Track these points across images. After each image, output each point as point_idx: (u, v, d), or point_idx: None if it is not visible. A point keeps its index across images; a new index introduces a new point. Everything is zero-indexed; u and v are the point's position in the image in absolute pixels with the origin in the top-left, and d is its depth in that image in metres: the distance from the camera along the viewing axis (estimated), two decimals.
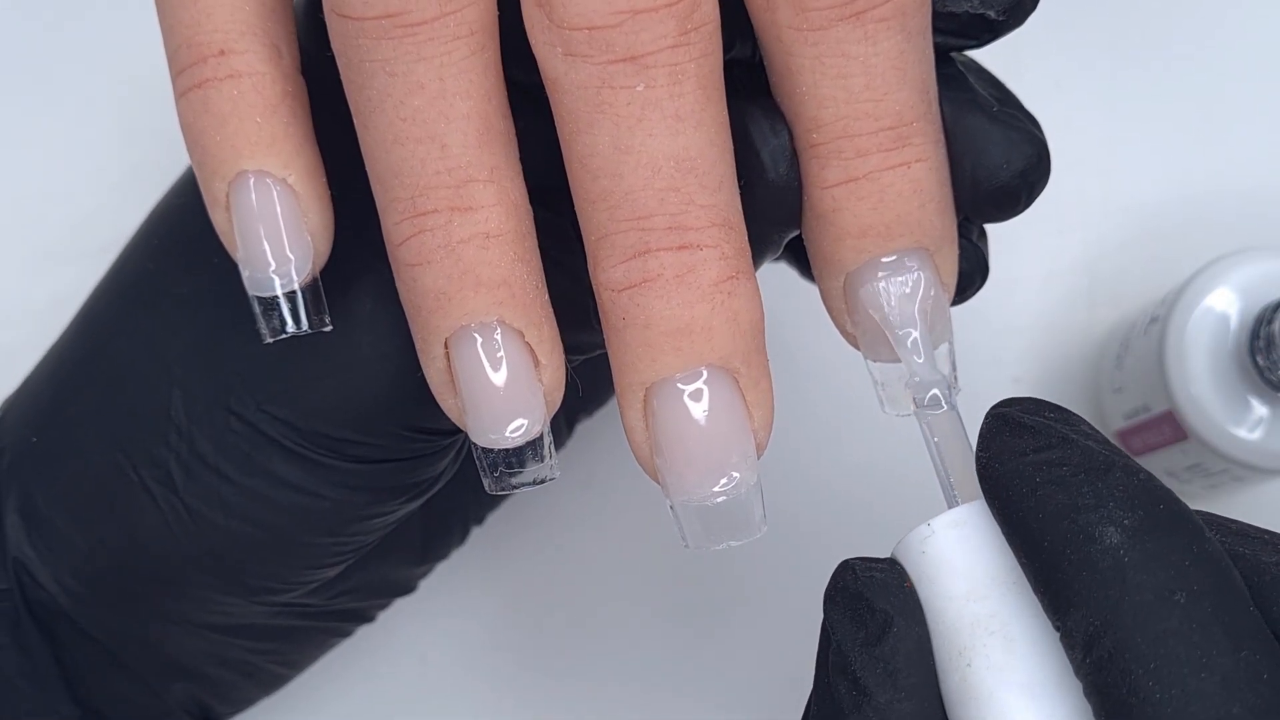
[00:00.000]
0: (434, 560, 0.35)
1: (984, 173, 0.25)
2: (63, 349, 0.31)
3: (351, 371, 0.27)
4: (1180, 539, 0.20)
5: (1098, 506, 0.21)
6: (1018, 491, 0.21)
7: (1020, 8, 0.25)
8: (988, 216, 0.26)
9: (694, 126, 0.22)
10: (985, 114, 0.25)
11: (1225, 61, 0.44)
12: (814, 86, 0.23)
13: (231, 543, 0.28)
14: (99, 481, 0.29)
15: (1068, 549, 0.21)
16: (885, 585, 0.22)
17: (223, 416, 0.28)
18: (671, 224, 0.22)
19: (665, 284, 0.22)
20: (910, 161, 0.23)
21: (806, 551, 0.40)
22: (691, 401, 0.23)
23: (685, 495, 0.23)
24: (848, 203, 0.23)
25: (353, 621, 0.34)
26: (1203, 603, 0.20)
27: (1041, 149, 0.25)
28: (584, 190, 0.23)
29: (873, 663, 0.22)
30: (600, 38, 0.22)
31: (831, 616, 0.23)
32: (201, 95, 0.24)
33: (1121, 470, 0.21)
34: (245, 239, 0.24)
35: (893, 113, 0.23)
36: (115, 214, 0.34)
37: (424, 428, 0.28)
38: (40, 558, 0.29)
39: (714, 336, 0.23)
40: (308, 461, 0.28)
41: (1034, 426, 0.22)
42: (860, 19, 0.23)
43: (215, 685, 0.32)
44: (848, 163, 0.23)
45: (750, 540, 0.23)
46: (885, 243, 0.24)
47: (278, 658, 0.33)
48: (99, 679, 0.31)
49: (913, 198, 0.24)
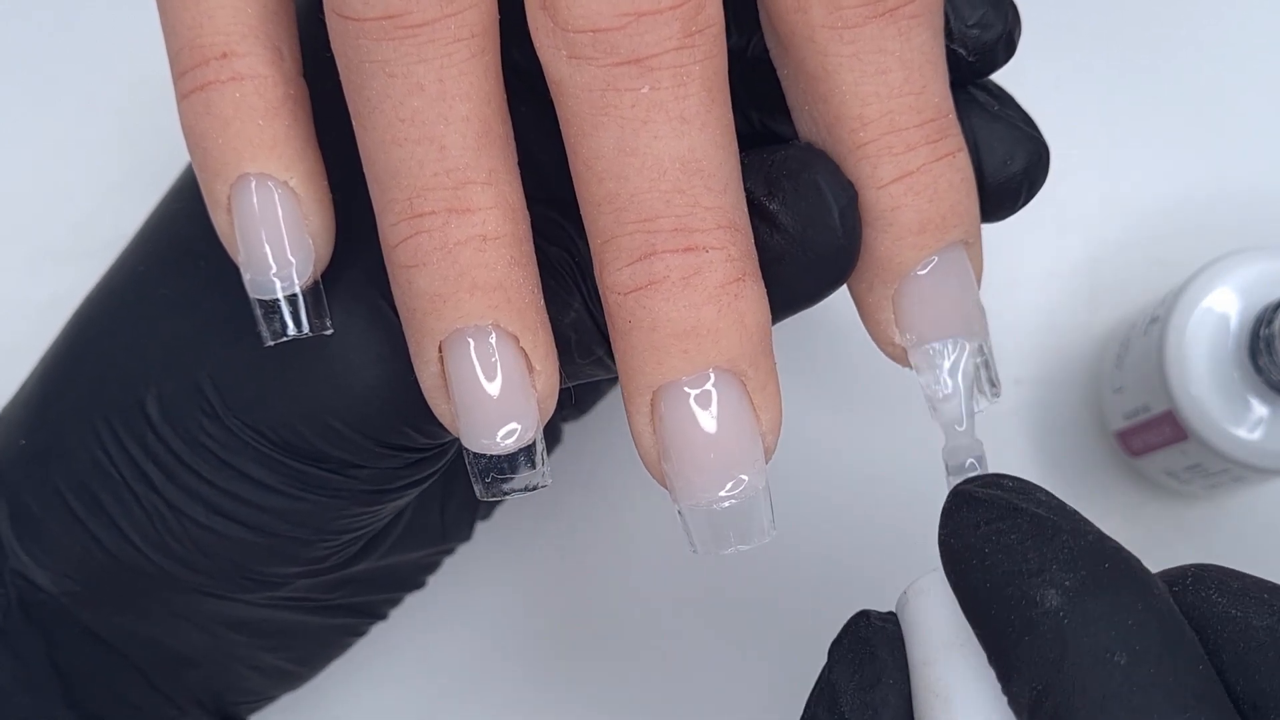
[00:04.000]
0: (441, 554, 0.35)
1: (987, 170, 0.25)
2: (54, 349, 0.31)
3: (323, 384, 0.27)
4: (1124, 597, 0.20)
5: (1040, 570, 0.21)
6: (968, 563, 0.22)
7: (992, 53, 0.25)
8: (987, 214, 0.26)
9: (699, 128, 0.22)
10: (987, 113, 0.25)
11: (1225, 62, 0.44)
12: (855, 85, 0.23)
13: (217, 540, 0.28)
14: (85, 481, 0.29)
15: (1011, 614, 0.21)
16: (891, 639, 0.23)
17: (195, 419, 0.27)
18: (677, 226, 0.22)
19: (671, 286, 0.22)
20: (954, 151, 0.24)
21: (813, 553, 0.40)
22: (699, 405, 0.23)
23: (693, 500, 0.23)
24: (906, 199, 0.23)
25: (364, 618, 0.34)
26: (1145, 664, 0.20)
27: (1041, 148, 0.25)
28: (589, 193, 0.23)
29: (863, 707, 0.22)
30: (605, 40, 0.22)
31: (835, 655, 0.23)
32: (204, 98, 0.24)
33: (1069, 533, 0.21)
34: (246, 241, 0.24)
35: (932, 105, 0.23)
36: (115, 214, 0.34)
37: (396, 444, 0.27)
38: (37, 561, 0.29)
39: (721, 339, 0.22)
40: (282, 466, 0.27)
41: (987, 500, 0.22)
42: (893, 15, 0.23)
43: (228, 678, 0.32)
44: (899, 158, 0.23)
45: (759, 545, 0.23)
46: (941, 235, 0.24)
47: (287, 654, 0.33)
48: (102, 682, 0.31)
49: (961, 186, 0.24)
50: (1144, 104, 0.43)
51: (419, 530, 0.34)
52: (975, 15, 0.24)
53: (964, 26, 0.24)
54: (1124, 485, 0.41)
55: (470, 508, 0.35)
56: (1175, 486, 0.40)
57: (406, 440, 0.27)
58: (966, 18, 0.24)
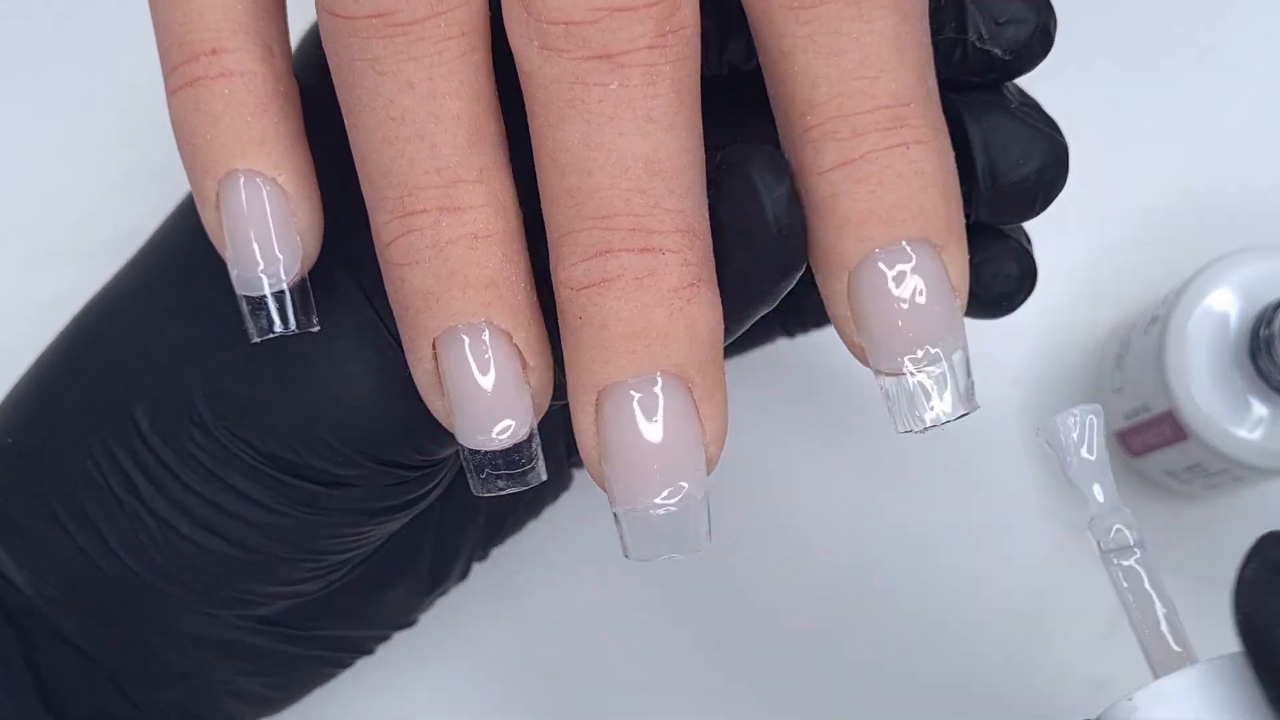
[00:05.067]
0: (435, 594, 0.35)
1: (1002, 168, 0.24)
2: (47, 354, 0.31)
3: (314, 396, 0.26)
4: None
5: None
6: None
7: (1029, 49, 0.24)
8: (1005, 215, 0.25)
9: (665, 129, 0.22)
10: (1005, 111, 0.25)
11: (1225, 62, 0.44)
12: (807, 66, 0.22)
13: (199, 553, 0.28)
14: (71, 487, 0.28)
15: None
16: None
17: (184, 429, 0.27)
18: (635, 225, 0.22)
19: (625, 285, 0.22)
20: (909, 142, 0.22)
21: (814, 561, 0.40)
22: (642, 408, 0.22)
23: (630, 504, 0.22)
24: (846, 185, 0.22)
25: (349, 652, 0.34)
26: None
27: (1060, 149, 0.25)
28: (551, 186, 0.22)
29: None
30: (577, 33, 0.21)
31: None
32: (193, 93, 0.24)
33: None
34: (234, 238, 0.24)
35: (889, 92, 0.22)
36: (115, 214, 0.34)
37: (390, 460, 0.27)
38: (16, 562, 0.29)
39: (670, 343, 0.22)
40: (270, 479, 0.27)
41: None
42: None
43: (203, 699, 0.32)
44: (843, 143, 0.22)
45: (691, 555, 0.23)
46: (888, 229, 0.22)
47: (265, 680, 0.32)
48: (78, 690, 0.30)
49: (913, 179, 0.22)
50: (1144, 104, 0.43)
51: (412, 568, 0.33)
52: (1007, 11, 0.24)
53: (995, 24, 0.24)
54: (1124, 485, 0.41)
55: (467, 548, 0.35)
56: (1175, 486, 0.40)
57: (398, 456, 0.27)
58: (998, 14, 0.24)
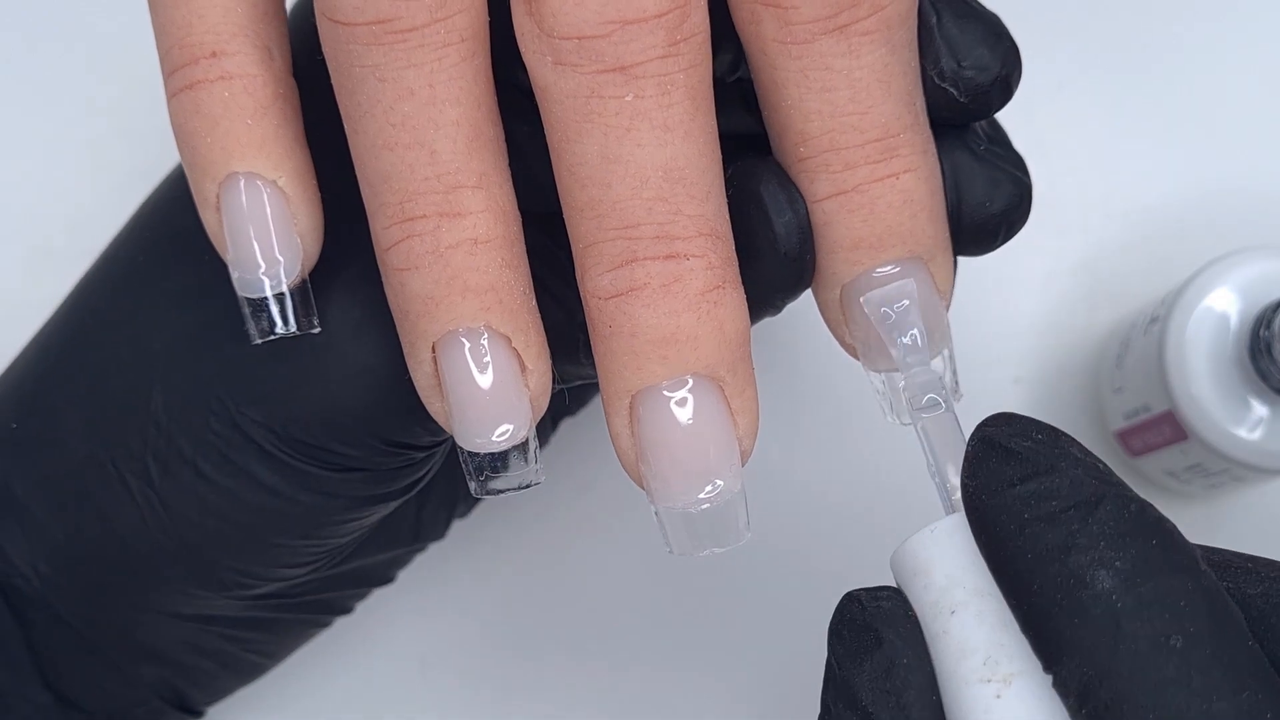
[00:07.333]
0: (413, 551, 0.35)
1: (966, 209, 0.25)
2: (48, 337, 0.31)
3: (333, 382, 0.27)
4: (1175, 579, 0.20)
5: (1089, 548, 0.20)
6: (1005, 528, 0.21)
7: (986, 97, 0.24)
8: (964, 250, 0.26)
9: (682, 137, 0.22)
10: (971, 152, 0.25)
11: (1225, 62, 0.44)
12: (799, 101, 0.23)
13: (205, 539, 0.28)
14: (76, 471, 0.29)
15: (1058, 593, 0.20)
16: (892, 616, 0.22)
17: (202, 415, 0.28)
18: (659, 233, 0.22)
19: (652, 293, 0.22)
20: (899, 173, 0.23)
21: (806, 556, 0.40)
22: (677, 409, 0.23)
23: (670, 501, 0.23)
24: (838, 216, 0.24)
25: (331, 613, 0.35)
26: (1201, 645, 0.19)
27: (1024, 191, 0.25)
28: (572, 199, 0.23)
29: (884, 695, 0.21)
30: (590, 47, 0.22)
31: (838, 650, 0.22)
32: (193, 96, 0.24)
33: (1113, 502, 0.20)
34: (235, 240, 0.25)
35: (879, 125, 0.23)
36: (115, 214, 0.34)
37: (403, 442, 0.28)
38: (14, 543, 0.30)
39: (700, 345, 0.23)
40: (285, 466, 0.28)
41: (1021, 453, 0.21)
42: (844, 33, 0.23)
43: (190, 672, 0.32)
44: (836, 176, 0.23)
45: (734, 547, 0.24)
46: (877, 254, 0.24)
47: (254, 647, 0.33)
48: (72, 665, 0.31)
49: (903, 208, 0.24)
50: (1144, 104, 0.43)
51: (394, 529, 0.34)
52: (970, 57, 0.24)
53: (957, 66, 0.24)
54: None
55: (447, 506, 0.35)
56: (1175, 486, 0.40)
57: (412, 437, 0.28)
58: (961, 58, 0.24)
